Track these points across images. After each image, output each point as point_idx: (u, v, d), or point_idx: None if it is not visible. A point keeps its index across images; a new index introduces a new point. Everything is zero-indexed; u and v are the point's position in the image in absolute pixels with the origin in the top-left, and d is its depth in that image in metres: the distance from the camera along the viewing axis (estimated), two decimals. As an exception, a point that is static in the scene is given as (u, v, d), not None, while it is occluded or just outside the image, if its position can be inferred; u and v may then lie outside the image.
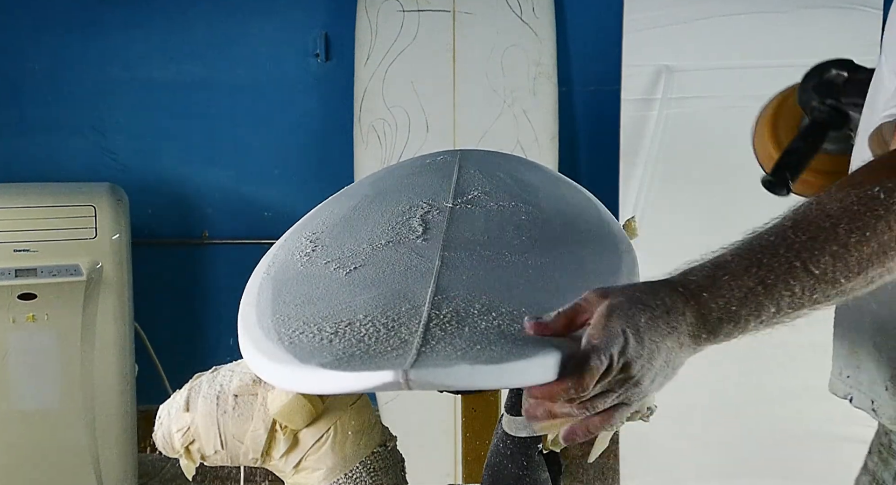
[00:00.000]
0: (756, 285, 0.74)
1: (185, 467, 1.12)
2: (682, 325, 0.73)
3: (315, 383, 0.74)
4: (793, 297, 0.74)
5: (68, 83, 3.02)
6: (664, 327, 0.72)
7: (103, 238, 2.58)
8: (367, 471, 1.09)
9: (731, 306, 0.74)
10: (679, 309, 0.73)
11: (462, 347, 0.76)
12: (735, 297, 0.74)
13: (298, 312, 0.88)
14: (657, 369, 0.72)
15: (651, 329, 0.71)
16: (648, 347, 0.71)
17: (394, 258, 1.00)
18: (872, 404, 1.00)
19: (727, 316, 0.74)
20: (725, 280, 0.74)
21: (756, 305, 0.74)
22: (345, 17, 2.97)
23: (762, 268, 0.74)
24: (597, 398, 0.73)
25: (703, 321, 0.74)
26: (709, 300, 0.74)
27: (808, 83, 1.18)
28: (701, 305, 0.74)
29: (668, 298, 0.73)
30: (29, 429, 2.56)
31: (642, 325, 0.71)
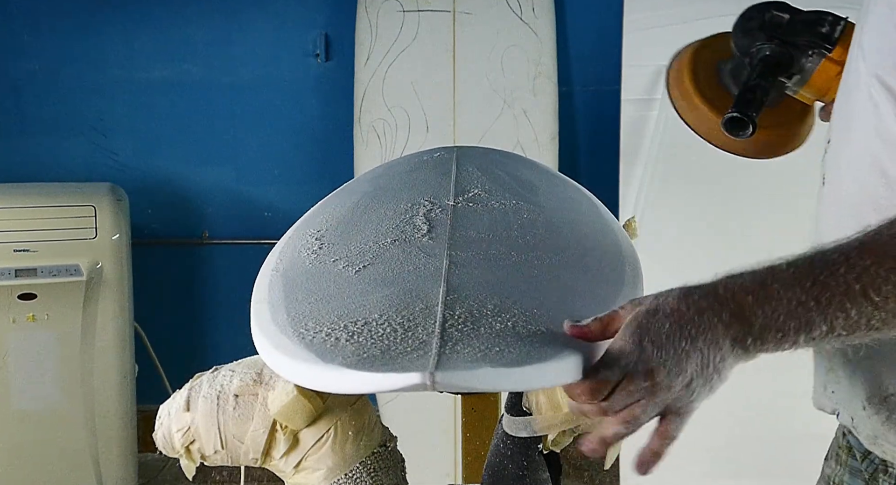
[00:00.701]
0: (808, 300, 0.72)
1: (186, 467, 1.12)
2: (717, 327, 0.72)
3: (339, 382, 0.74)
4: (847, 319, 0.72)
5: (68, 83, 3.02)
6: (693, 331, 0.71)
7: (103, 238, 2.58)
8: (367, 471, 1.09)
9: (778, 316, 0.72)
10: (714, 311, 0.72)
11: (481, 348, 0.76)
12: (783, 307, 0.72)
13: (312, 310, 0.88)
14: (692, 373, 0.72)
15: (677, 335, 0.71)
16: (675, 352, 0.71)
17: (401, 257, 1.00)
18: (852, 422, 0.99)
19: (773, 324, 0.72)
20: (775, 289, 0.72)
21: (806, 321, 0.72)
22: (345, 17, 2.96)
23: (817, 284, 0.72)
24: (631, 408, 0.73)
25: (746, 326, 0.72)
26: (753, 305, 0.72)
27: (750, 24, 1.15)
28: (744, 309, 0.72)
29: (702, 300, 0.73)
30: (29, 429, 2.56)
31: (665, 331, 0.71)
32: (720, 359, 0.72)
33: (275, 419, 1.07)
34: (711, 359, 0.72)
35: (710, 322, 0.72)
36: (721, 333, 0.72)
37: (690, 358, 0.71)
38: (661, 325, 0.72)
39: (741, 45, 1.16)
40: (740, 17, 1.17)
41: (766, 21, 1.14)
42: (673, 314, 0.72)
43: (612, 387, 0.72)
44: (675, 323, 0.72)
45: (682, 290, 0.74)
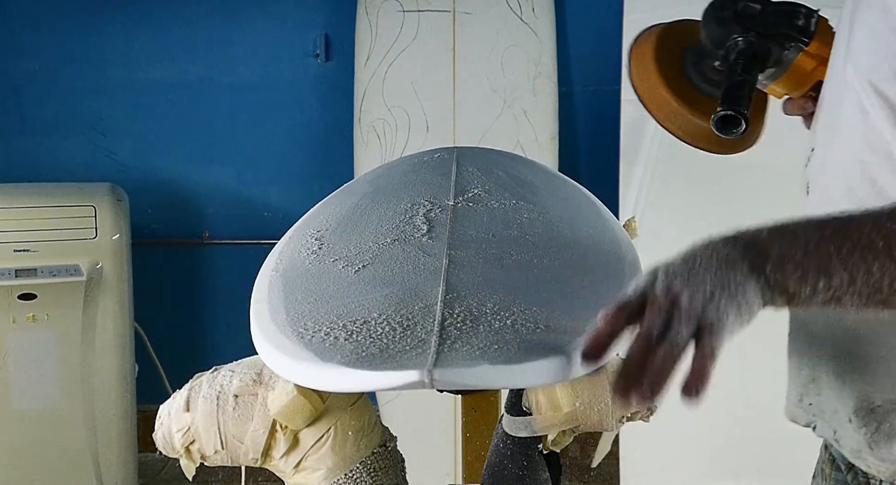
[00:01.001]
0: (828, 245, 0.72)
1: (186, 467, 1.12)
2: (733, 255, 0.72)
3: (338, 381, 0.75)
4: (869, 275, 0.71)
5: (68, 83, 3.02)
6: (708, 260, 0.72)
7: (103, 238, 2.58)
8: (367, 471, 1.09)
9: (795, 252, 0.72)
10: (728, 245, 0.73)
11: (480, 346, 0.76)
12: (801, 245, 0.72)
13: (312, 309, 0.89)
14: (711, 286, 0.72)
15: (691, 264, 0.73)
16: (691, 272, 0.72)
17: (401, 256, 1.00)
18: (834, 435, 0.96)
19: (791, 258, 0.72)
20: (793, 229, 0.73)
21: (826, 266, 0.72)
22: (345, 17, 2.97)
23: (839, 234, 0.72)
24: (666, 335, 0.73)
25: (763, 255, 0.72)
26: (769, 238, 0.73)
27: (724, 14, 1.09)
28: (759, 242, 0.73)
29: (716, 242, 0.74)
30: (29, 429, 2.56)
31: (678, 265, 0.73)
32: (741, 280, 0.72)
33: (275, 419, 1.07)
34: (731, 279, 0.72)
35: (726, 252, 0.73)
36: (738, 259, 0.72)
37: (708, 274, 0.72)
38: (673, 264, 0.74)
39: (715, 36, 1.09)
40: (711, 7, 1.11)
41: (740, 11, 1.08)
42: (686, 252, 0.74)
43: (633, 309, 0.73)
44: (687, 260, 0.73)
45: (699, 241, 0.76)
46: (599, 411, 1.17)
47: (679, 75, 1.19)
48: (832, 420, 0.97)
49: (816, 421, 1.00)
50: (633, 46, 1.25)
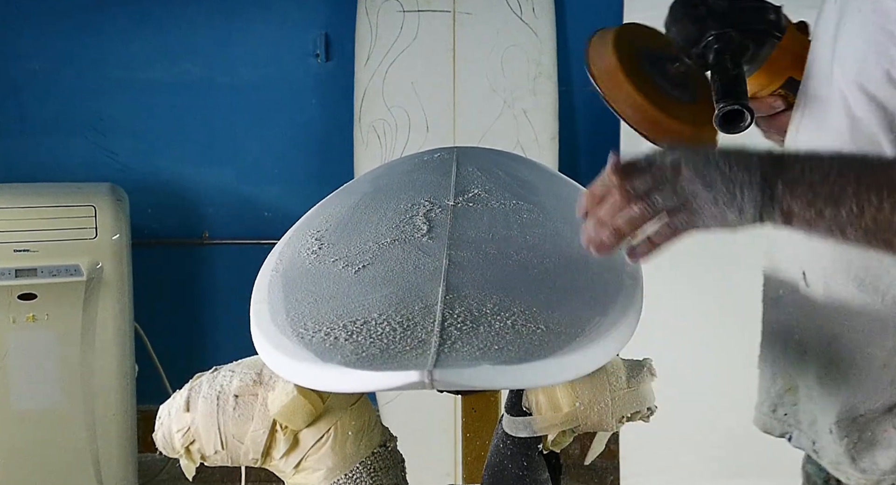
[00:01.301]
0: (849, 172, 0.73)
1: (186, 467, 1.12)
2: (753, 158, 0.76)
3: (338, 381, 0.75)
4: (880, 210, 0.72)
5: (68, 83, 3.02)
6: (728, 154, 0.76)
7: (103, 238, 2.58)
8: (367, 471, 1.09)
9: (815, 175, 0.73)
10: (752, 153, 0.76)
11: (480, 347, 0.76)
12: (823, 169, 0.74)
13: (312, 310, 0.89)
14: (715, 176, 0.75)
15: (712, 153, 0.77)
16: (705, 164, 0.76)
17: (401, 257, 1.00)
18: (813, 445, 0.95)
19: (807, 179, 0.74)
20: (820, 156, 0.75)
21: (839, 193, 0.73)
22: (345, 17, 2.96)
23: (866, 167, 0.73)
24: (649, 195, 0.78)
25: (780, 168, 0.75)
26: (793, 157, 0.76)
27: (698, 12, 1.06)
28: (784, 157, 0.76)
29: (746, 146, 0.78)
30: (29, 429, 2.56)
31: (703, 151, 0.78)
32: (748, 180, 0.74)
33: (275, 419, 1.07)
34: (739, 179, 0.74)
35: (748, 155, 0.76)
36: (755, 166, 0.75)
37: (719, 169, 0.75)
38: (697, 152, 0.78)
39: (690, 33, 1.07)
40: (679, 6, 1.09)
41: (712, 8, 1.06)
42: (709, 149, 0.78)
43: (638, 171, 0.78)
44: (710, 152, 0.77)
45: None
46: (599, 411, 1.17)
47: (643, 77, 1.15)
48: (810, 431, 0.96)
49: (792, 431, 1.00)
50: (590, 46, 1.20)
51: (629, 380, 1.21)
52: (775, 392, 1.02)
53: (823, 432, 0.93)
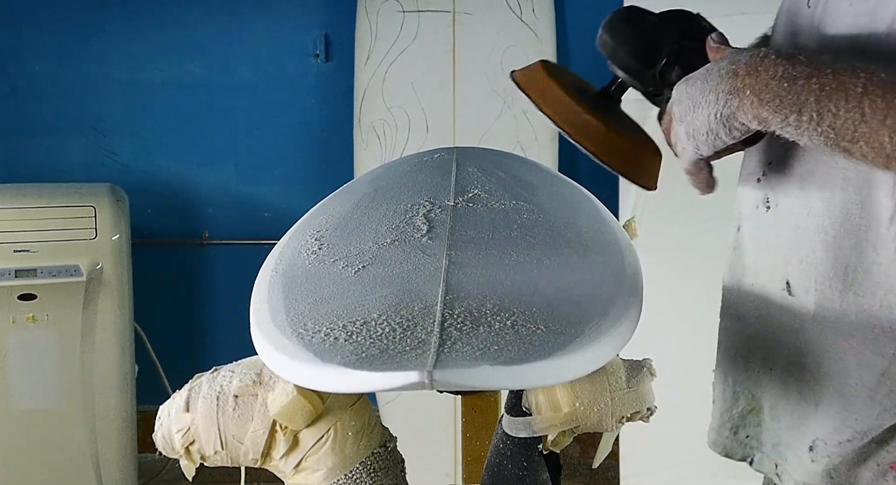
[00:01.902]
0: (813, 81, 0.75)
1: (185, 467, 1.12)
2: (731, 67, 0.80)
3: (337, 382, 0.75)
4: (836, 118, 0.74)
5: (68, 83, 3.02)
6: (720, 65, 0.82)
7: (103, 238, 2.58)
8: (367, 471, 1.09)
9: (781, 83, 0.76)
10: (742, 55, 0.81)
11: (480, 347, 0.76)
12: (789, 76, 0.76)
13: (311, 310, 0.88)
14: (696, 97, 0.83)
15: (712, 66, 0.84)
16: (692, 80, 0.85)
17: (401, 257, 1.00)
18: (776, 468, 0.93)
19: (772, 88, 0.77)
20: (802, 61, 0.76)
21: (801, 100, 0.75)
22: (345, 17, 2.97)
23: (836, 73, 0.75)
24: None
25: (750, 76, 0.78)
26: (764, 62, 0.78)
27: (645, 27, 0.97)
28: (762, 65, 0.78)
29: (746, 50, 0.83)
30: (29, 429, 2.56)
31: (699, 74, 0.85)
32: (724, 95, 0.80)
33: (275, 420, 1.07)
34: (719, 90, 0.81)
35: (731, 66, 0.81)
36: (731, 76, 0.80)
37: (706, 84, 0.82)
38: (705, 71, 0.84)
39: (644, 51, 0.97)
40: (622, 24, 0.99)
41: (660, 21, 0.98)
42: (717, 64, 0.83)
43: None
44: (711, 69, 0.83)
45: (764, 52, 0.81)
46: (599, 412, 1.17)
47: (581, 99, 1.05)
48: (773, 453, 0.94)
49: (754, 454, 0.98)
50: (521, 75, 1.12)
51: (629, 380, 1.21)
52: (737, 413, 1.01)
53: (792, 452, 0.91)
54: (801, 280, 0.90)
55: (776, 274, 0.94)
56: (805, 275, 0.90)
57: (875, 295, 0.84)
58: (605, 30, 0.98)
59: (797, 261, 0.91)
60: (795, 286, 0.91)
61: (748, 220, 1.00)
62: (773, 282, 0.94)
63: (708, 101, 0.81)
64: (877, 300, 0.84)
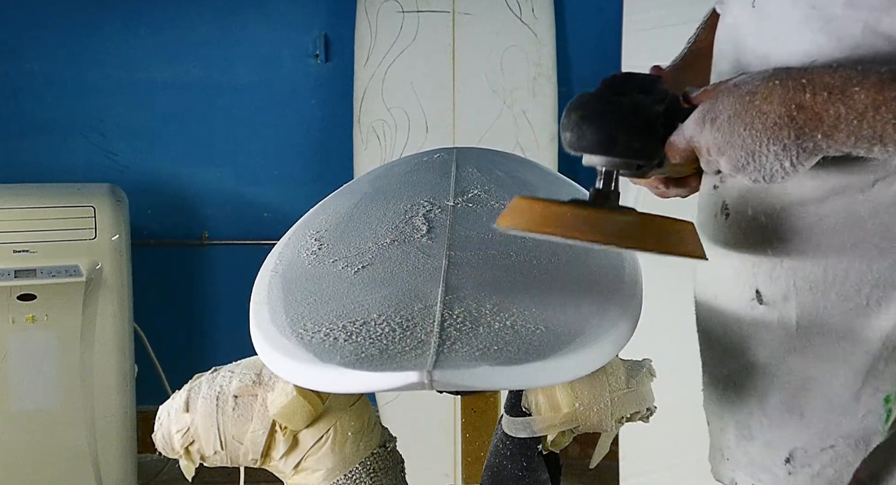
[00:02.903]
0: (888, 110, 0.68)
1: (185, 467, 1.12)
2: (784, 119, 0.71)
3: (337, 382, 0.75)
4: None
5: (68, 83, 3.02)
6: (757, 121, 0.73)
7: (103, 238, 2.58)
8: (366, 472, 1.09)
9: (852, 119, 0.69)
10: (786, 102, 0.71)
11: (479, 347, 0.76)
12: (858, 109, 0.69)
13: (311, 310, 0.89)
14: (743, 158, 0.74)
15: (738, 120, 0.74)
16: (730, 137, 0.74)
17: (400, 257, 1.00)
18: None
19: (845, 126, 0.69)
20: (856, 91, 0.69)
21: (881, 132, 0.68)
22: (344, 17, 2.97)
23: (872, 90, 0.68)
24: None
25: (816, 121, 0.70)
26: (827, 103, 0.70)
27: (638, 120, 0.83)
28: (816, 105, 0.70)
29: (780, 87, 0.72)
30: (29, 429, 2.56)
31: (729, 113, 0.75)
32: (781, 149, 0.72)
33: (274, 420, 1.07)
34: (770, 149, 0.72)
35: (778, 114, 0.71)
36: (786, 129, 0.71)
37: (745, 145, 0.73)
38: (728, 106, 0.74)
39: (646, 121, 0.83)
40: (618, 121, 0.83)
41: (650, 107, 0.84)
42: (746, 96, 0.73)
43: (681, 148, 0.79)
44: (742, 106, 0.73)
45: (773, 71, 0.74)
46: (598, 412, 1.17)
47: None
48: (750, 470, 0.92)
49: (737, 475, 0.95)
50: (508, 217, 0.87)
51: (628, 380, 1.21)
52: (717, 434, 0.98)
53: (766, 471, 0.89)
54: (776, 288, 0.86)
55: (742, 284, 0.90)
56: (781, 282, 0.86)
57: (860, 292, 0.81)
58: (587, 126, 0.83)
59: (768, 268, 0.87)
60: (768, 295, 0.87)
61: (707, 229, 0.96)
62: (740, 292, 0.90)
63: (763, 141, 0.73)
64: (863, 297, 0.81)
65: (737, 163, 0.74)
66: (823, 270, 0.82)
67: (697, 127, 0.77)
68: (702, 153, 0.78)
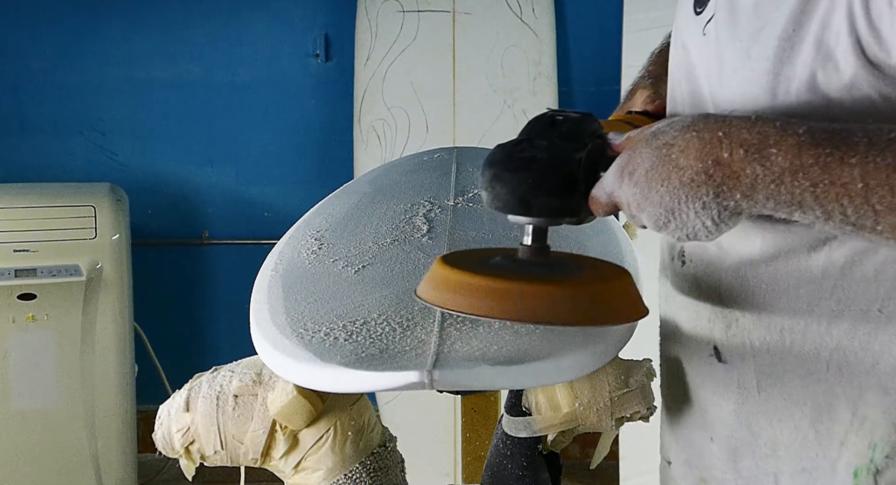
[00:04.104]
0: (803, 180, 0.63)
1: (185, 467, 1.12)
2: (701, 176, 0.66)
3: (337, 381, 0.75)
4: (845, 217, 0.62)
5: (68, 83, 3.02)
6: (674, 176, 0.67)
7: (103, 238, 2.58)
8: (366, 471, 1.08)
9: (769, 183, 0.64)
10: (703, 157, 0.66)
11: (479, 347, 0.76)
12: (774, 174, 0.63)
13: (311, 310, 0.88)
14: (662, 215, 0.68)
15: (655, 174, 0.68)
16: (647, 192, 0.68)
17: (401, 257, 1.00)
18: None
19: (763, 188, 0.64)
20: (773, 152, 0.63)
21: (799, 200, 0.63)
22: (345, 17, 2.97)
23: (818, 165, 0.62)
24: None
25: (734, 180, 0.65)
26: (744, 161, 0.64)
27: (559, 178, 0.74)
28: (733, 164, 0.65)
29: (698, 140, 0.66)
30: (29, 429, 2.56)
31: (647, 167, 0.69)
32: (701, 207, 0.66)
33: (274, 420, 1.07)
34: (690, 206, 0.66)
35: (695, 170, 0.66)
36: (704, 186, 0.66)
37: (663, 202, 0.67)
38: (645, 159, 0.68)
39: (560, 207, 0.75)
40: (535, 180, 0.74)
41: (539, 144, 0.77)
42: (663, 148, 0.67)
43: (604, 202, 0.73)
44: (659, 159, 0.67)
45: (691, 119, 0.68)
46: (599, 412, 1.17)
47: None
48: None
49: None
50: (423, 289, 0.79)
51: (628, 380, 1.20)
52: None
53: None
54: (733, 347, 0.82)
55: (700, 338, 0.86)
56: (737, 340, 0.82)
57: (819, 356, 0.77)
58: (500, 187, 0.74)
59: (724, 325, 0.83)
60: (726, 354, 0.83)
61: (667, 272, 0.92)
62: (699, 346, 0.86)
63: (681, 198, 0.67)
64: (822, 363, 0.76)
65: (657, 220, 0.69)
66: (780, 333, 0.78)
67: (616, 181, 0.71)
68: (623, 209, 0.72)
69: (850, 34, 0.68)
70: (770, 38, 0.73)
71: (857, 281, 0.74)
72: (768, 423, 0.81)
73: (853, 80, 0.69)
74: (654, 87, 1.03)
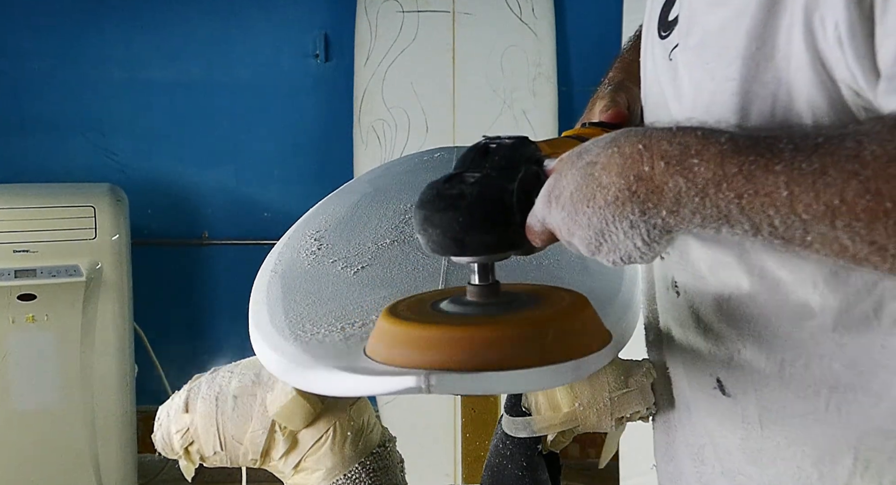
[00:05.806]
0: (727, 190, 0.59)
1: (185, 468, 1.12)
2: (624, 193, 0.62)
3: (333, 384, 0.74)
4: (773, 228, 0.59)
5: (68, 83, 3.02)
6: (598, 196, 0.63)
7: (103, 238, 2.58)
8: (366, 472, 1.08)
9: (693, 196, 0.60)
10: (625, 174, 0.62)
11: None
12: (698, 186, 0.60)
13: (310, 311, 0.88)
14: (590, 236, 0.65)
15: (579, 196, 0.64)
16: (574, 215, 0.65)
17: (400, 258, 1.00)
18: None
19: (688, 202, 0.60)
20: (694, 163, 0.60)
21: (726, 213, 0.60)
22: (345, 17, 2.97)
23: (741, 174, 0.58)
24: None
25: (657, 196, 0.61)
26: (665, 174, 0.61)
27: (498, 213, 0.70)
28: (655, 178, 0.61)
29: (619, 157, 0.63)
30: (29, 429, 2.56)
31: (571, 189, 0.65)
32: (629, 226, 0.62)
33: (274, 420, 1.07)
34: (618, 226, 0.63)
35: (618, 187, 0.62)
36: (629, 203, 0.62)
37: (591, 224, 0.64)
38: (570, 181, 0.65)
39: (496, 241, 0.71)
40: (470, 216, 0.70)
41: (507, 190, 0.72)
42: (587, 167, 0.64)
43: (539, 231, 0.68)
44: (584, 179, 0.64)
45: (613, 135, 0.65)
46: (598, 412, 1.17)
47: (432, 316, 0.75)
48: None
49: None
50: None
51: (628, 380, 1.20)
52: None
53: None
54: (735, 380, 0.80)
55: (702, 370, 0.83)
56: (739, 374, 0.79)
57: (819, 394, 0.74)
58: (432, 230, 0.71)
59: (725, 357, 0.80)
60: (728, 387, 0.81)
61: (662, 303, 0.89)
62: (702, 379, 0.84)
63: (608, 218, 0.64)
64: (822, 401, 0.74)
65: (589, 244, 0.65)
66: (780, 366, 0.76)
67: (545, 207, 0.67)
68: (558, 235, 0.68)
69: (807, 51, 0.66)
70: (734, 58, 0.70)
71: (857, 318, 0.72)
72: (771, 461, 0.79)
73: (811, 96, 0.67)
74: (612, 94, 0.99)
